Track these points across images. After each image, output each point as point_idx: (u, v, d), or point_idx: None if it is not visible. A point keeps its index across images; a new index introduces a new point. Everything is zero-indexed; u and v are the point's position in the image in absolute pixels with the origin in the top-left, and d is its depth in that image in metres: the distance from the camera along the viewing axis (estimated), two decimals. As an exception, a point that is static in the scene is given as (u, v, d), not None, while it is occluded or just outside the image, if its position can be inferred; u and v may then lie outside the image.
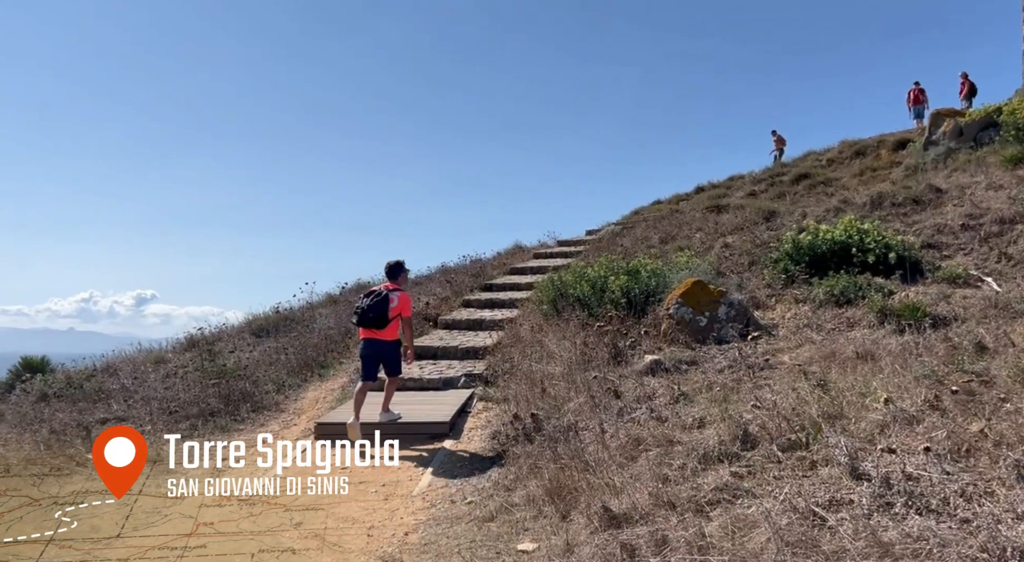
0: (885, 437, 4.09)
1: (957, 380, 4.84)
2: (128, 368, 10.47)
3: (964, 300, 7.39)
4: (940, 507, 3.16)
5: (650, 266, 8.99)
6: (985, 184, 11.56)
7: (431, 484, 5.36)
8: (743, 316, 7.68)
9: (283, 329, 11.99)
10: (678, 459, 4.32)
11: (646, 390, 5.97)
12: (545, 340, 8.18)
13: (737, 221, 12.91)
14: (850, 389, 5.05)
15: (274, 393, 8.38)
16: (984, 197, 10.85)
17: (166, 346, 12.15)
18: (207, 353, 10.24)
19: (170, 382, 9.27)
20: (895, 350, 5.94)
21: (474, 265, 15.22)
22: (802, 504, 3.34)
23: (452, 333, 10.03)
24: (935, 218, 10.55)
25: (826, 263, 8.87)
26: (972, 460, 3.59)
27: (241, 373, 8.83)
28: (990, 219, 9.77)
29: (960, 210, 10.49)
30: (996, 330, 6.08)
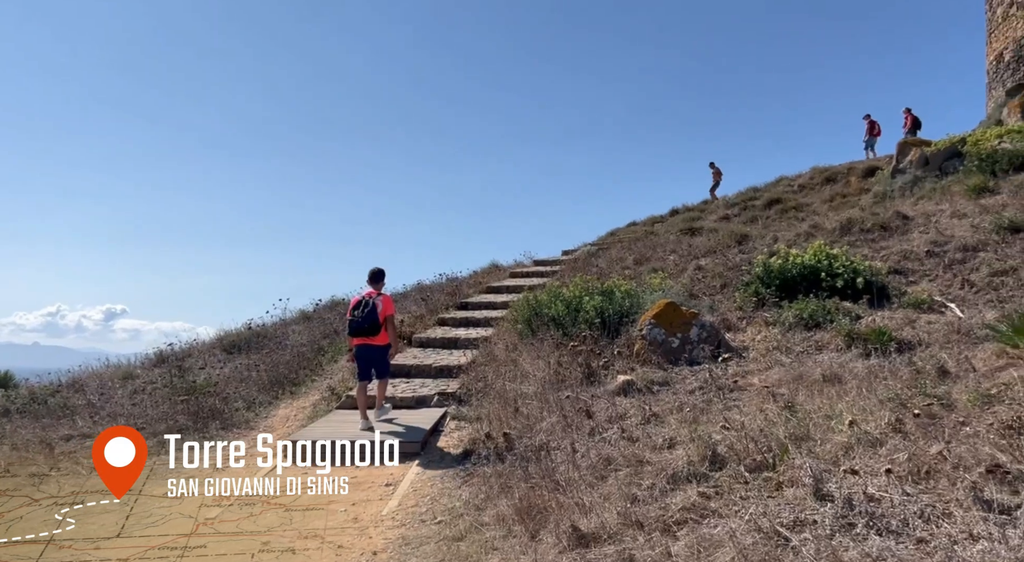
0: (849, 459, 4.17)
1: (919, 404, 4.94)
2: (95, 384, 10.31)
3: (928, 325, 7.55)
4: (900, 528, 3.23)
5: (624, 287, 9.08)
6: (949, 212, 11.85)
7: (401, 503, 5.34)
8: (714, 338, 7.78)
9: (255, 346, 11.89)
10: (647, 479, 4.36)
11: (618, 410, 6.02)
12: (519, 359, 8.22)
13: (710, 244, 13.09)
14: (817, 411, 5.14)
15: (244, 410, 8.30)
16: (948, 225, 11.12)
17: (135, 362, 11.98)
18: (177, 369, 10.11)
19: (138, 398, 9.15)
20: (861, 374, 6.06)
21: (450, 283, 15.23)
22: (767, 524, 3.39)
23: (426, 351, 10.02)
24: (902, 245, 10.78)
25: (796, 287, 9.03)
26: (931, 482, 3.68)
27: (211, 390, 8.74)
28: (954, 246, 10.01)
29: (926, 237, 10.74)
30: (958, 355, 6.22)
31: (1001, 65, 24.52)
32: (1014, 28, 23.75)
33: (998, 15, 25.15)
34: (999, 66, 24.71)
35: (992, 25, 25.84)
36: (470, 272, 16.59)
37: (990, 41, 26.00)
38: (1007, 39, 24.22)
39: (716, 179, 22.45)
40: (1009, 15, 24.10)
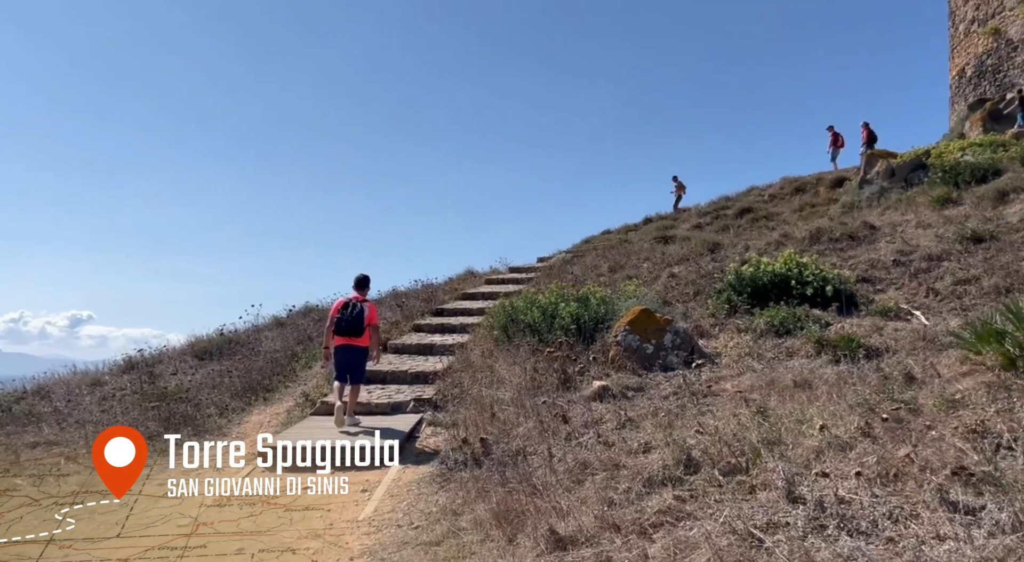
0: (820, 462, 4.27)
1: (887, 408, 5.06)
2: (62, 390, 10.10)
3: (895, 332, 7.73)
4: (869, 529, 3.32)
5: (599, 294, 9.16)
6: (915, 222, 12.15)
7: (377, 509, 5.32)
8: (688, 344, 7.88)
9: (227, 352, 11.75)
10: (623, 483, 4.42)
11: (594, 415, 6.07)
12: (495, 365, 8.24)
13: (683, 252, 13.25)
14: (788, 416, 5.23)
15: (217, 417, 8.20)
16: (914, 235, 11.40)
17: (103, 368, 11.77)
18: (147, 375, 9.96)
19: (107, 405, 8.98)
20: (831, 379, 6.19)
21: (425, 289, 15.21)
22: (741, 526, 3.46)
23: (402, 357, 10.00)
24: (869, 254, 11.03)
25: (767, 294, 9.18)
26: (899, 484, 3.78)
27: (183, 396, 8.63)
28: (919, 256, 10.27)
29: (892, 247, 10.99)
30: (924, 361, 6.38)
31: (963, 80, 25.19)
32: (975, 45, 24.43)
33: (960, 32, 25.86)
34: (961, 81, 25.38)
35: (955, 41, 26.55)
36: (446, 278, 16.59)
37: (953, 57, 26.71)
38: (969, 55, 24.91)
39: (679, 193, 22.71)
40: (971, 32, 24.80)
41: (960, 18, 25.77)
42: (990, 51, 23.60)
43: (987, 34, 23.60)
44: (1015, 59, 22.63)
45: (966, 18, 25.23)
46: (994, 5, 23.55)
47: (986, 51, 23.76)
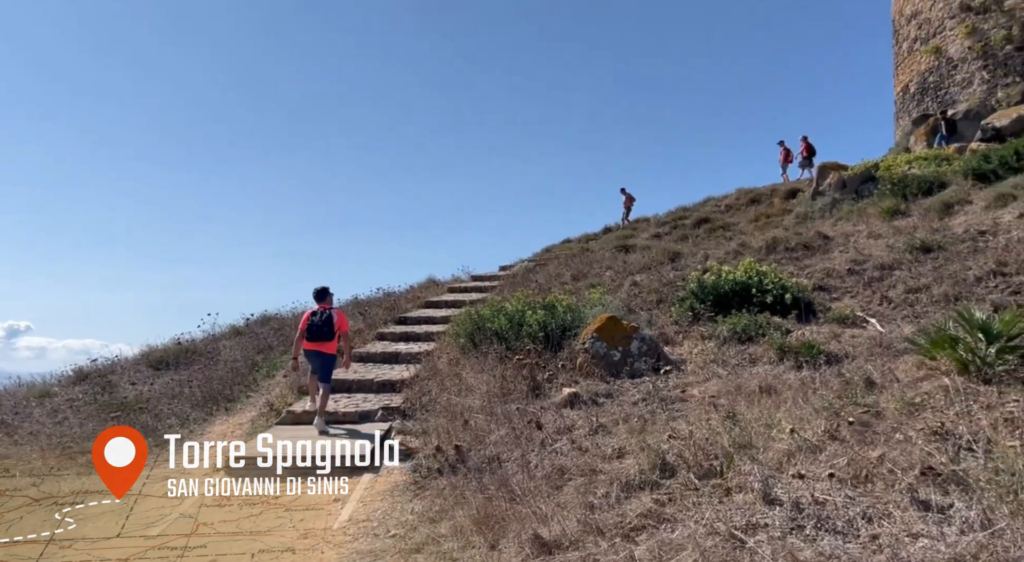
0: (791, 464, 4.38)
1: (852, 412, 5.22)
2: (8, 403, 9.75)
3: (852, 339, 7.97)
4: (845, 528, 3.43)
5: (566, 302, 9.24)
6: (866, 233, 12.56)
7: (351, 518, 5.27)
8: (654, 351, 8.00)
9: (184, 362, 11.50)
10: (602, 487, 4.47)
11: (566, 422, 6.12)
12: (463, 373, 8.24)
13: (644, 261, 13.45)
14: (757, 421, 5.36)
15: (178, 427, 8.01)
16: (866, 245, 11.78)
17: (51, 379, 11.38)
18: (103, 386, 9.67)
19: (60, 417, 8.70)
20: (795, 385, 6.35)
21: (387, 298, 15.10)
22: (722, 528, 3.54)
23: (367, 366, 9.91)
24: (824, 263, 11.35)
25: (729, 302, 9.37)
26: (870, 485, 3.91)
27: (143, 406, 8.40)
28: (872, 265, 10.61)
29: (846, 256, 11.34)
30: (882, 367, 6.60)
31: (907, 96, 26.17)
32: (919, 62, 25.42)
33: (904, 50, 26.88)
34: (906, 97, 26.37)
35: (899, 58, 27.59)
36: (407, 287, 16.52)
37: (897, 73, 27.74)
38: (912, 72, 25.90)
39: (628, 204, 23.05)
40: (914, 50, 25.80)
41: (904, 37, 26.79)
42: (932, 69, 24.58)
43: (929, 52, 24.59)
44: (955, 77, 23.61)
45: (909, 37, 26.24)
46: (935, 25, 24.55)
47: (928, 69, 24.74)
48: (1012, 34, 21.80)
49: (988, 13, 22.49)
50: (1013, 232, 10.36)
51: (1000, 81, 22.12)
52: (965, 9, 23.19)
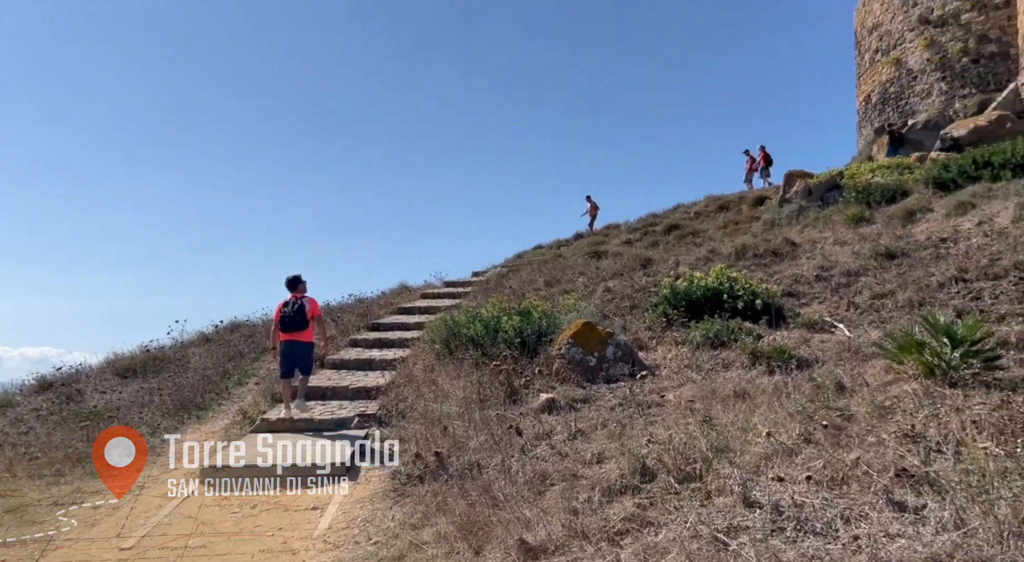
0: (769, 468, 4.47)
1: (825, 416, 5.35)
2: (-33, 412, 9.47)
3: (822, 344, 8.14)
4: (825, 530, 3.51)
5: (541, 308, 9.29)
6: (832, 240, 12.84)
7: (332, 525, 5.24)
8: (629, 356, 8.08)
9: (152, 369, 11.30)
10: (583, 492, 4.51)
11: (544, 427, 6.15)
12: (439, 380, 8.24)
13: (617, 267, 13.57)
14: (733, 424, 5.45)
15: (149, 436, 7.87)
16: (832, 251, 12.04)
17: (12, 389, 11.09)
18: (71, 394, 9.45)
19: (24, 426, 8.49)
20: (768, 389, 6.46)
21: (360, 304, 15.03)
22: (705, 531, 3.60)
23: (341, 373, 9.84)
24: (792, 269, 11.58)
25: (701, 308, 9.52)
26: (847, 487, 4.01)
27: (112, 415, 8.24)
28: (839, 271, 10.86)
29: (813, 262, 11.58)
30: (851, 371, 6.75)
31: (869, 106, 26.83)
32: (880, 73, 26.08)
33: (866, 61, 27.57)
34: (868, 107, 27.03)
35: (861, 69, 28.28)
36: (379, 293, 16.44)
37: (859, 84, 28.43)
38: (874, 83, 26.56)
39: (592, 212, 23.25)
40: (875, 61, 26.46)
41: (865, 48, 27.49)
42: (893, 79, 25.24)
43: (889, 64, 25.26)
44: (915, 87, 24.27)
45: (871, 48, 26.94)
46: (895, 37, 25.23)
47: (889, 79, 25.40)
48: (968, 47, 22.51)
49: (946, 26, 23.17)
50: (972, 239, 10.69)
51: (957, 92, 22.79)
52: (924, 22, 23.87)
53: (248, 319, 14.92)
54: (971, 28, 22.46)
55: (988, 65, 22.22)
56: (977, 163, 14.14)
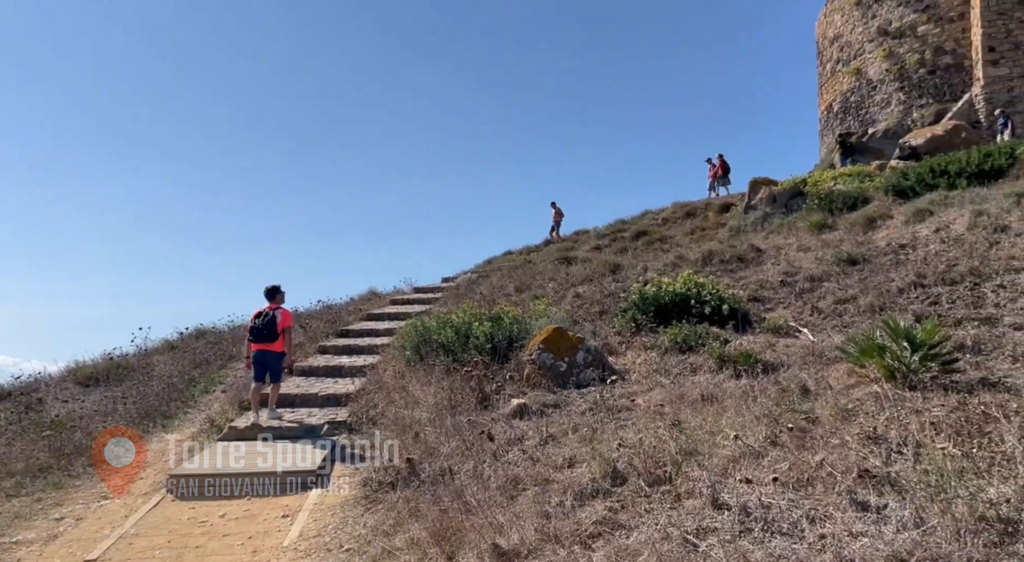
0: (737, 470, 4.56)
1: (790, 419, 5.47)
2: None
3: (787, 348, 8.30)
4: (791, 530, 3.60)
5: (512, 313, 9.33)
6: (796, 246, 13.11)
7: (302, 533, 5.21)
8: (599, 361, 8.16)
9: (115, 378, 11.09)
10: (556, 496, 4.55)
11: (516, 433, 6.19)
12: (409, 386, 8.23)
13: (586, 272, 13.68)
14: (701, 428, 5.55)
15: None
16: (796, 257, 12.29)
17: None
18: (31, 403, 9.23)
19: (-18, 436, 8.26)
20: (735, 393, 6.58)
21: (328, 311, 14.92)
22: (675, 533, 3.66)
23: (310, 380, 9.76)
24: (758, 275, 11.79)
25: (669, 313, 9.64)
26: (811, 488, 4.11)
27: (75, 425, 8.07)
28: (802, 277, 11.08)
29: (778, 268, 11.81)
30: (815, 375, 6.90)
31: (831, 114, 27.44)
32: (841, 83, 26.69)
33: (827, 70, 28.20)
34: (830, 115, 27.64)
35: (823, 79, 28.91)
36: (348, 299, 16.34)
37: (821, 93, 29.07)
38: (835, 92, 27.18)
39: (557, 219, 23.40)
40: (837, 71, 27.09)
41: (827, 58, 28.14)
42: (853, 89, 25.87)
43: (850, 74, 25.88)
44: (875, 97, 24.90)
45: (832, 58, 27.58)
46: (856, 48, 25.86)
47: (850, 89, 26.02)
48: (925, 58, 23.17)
49: (903, 38, 23.83)
50: (930, 246, 11.00)
51: (915, 102, 23.43)
52: (883, 34, 24.51)
53: (214, 326, 14.74)
54: (927, 40, 23.13)
55: (944, 76, 22.89)
56: (934, 171, 14.55)
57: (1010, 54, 20.82)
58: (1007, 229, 10.62)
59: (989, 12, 20.98)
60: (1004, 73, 20.85)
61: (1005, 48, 20.88)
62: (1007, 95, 20.74)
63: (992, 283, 8.93)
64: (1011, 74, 20.79)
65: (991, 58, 20.99)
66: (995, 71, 20.92)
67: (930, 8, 23.06)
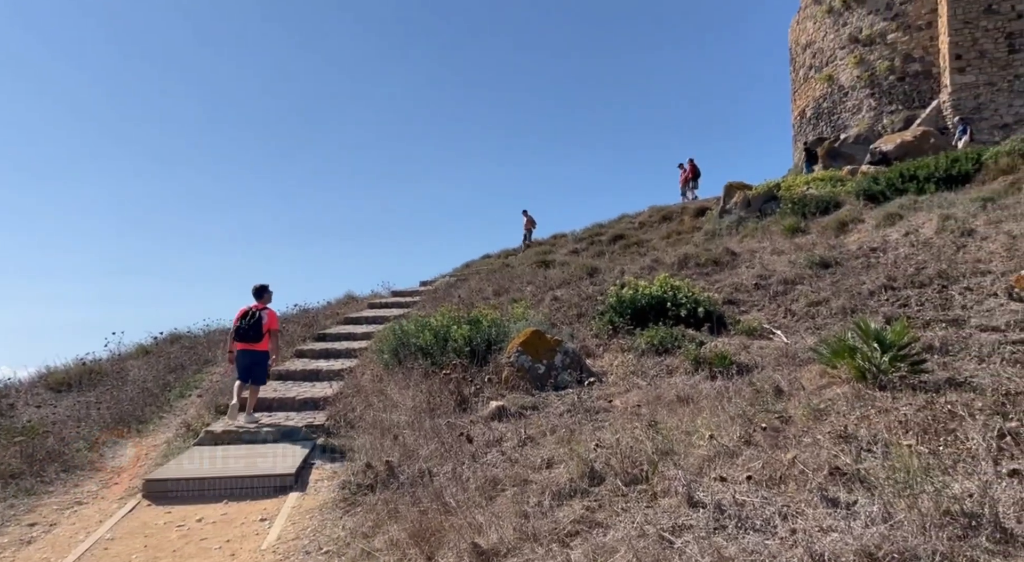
0: (712, 469, 4.65)
1: (764, 419, 5.57)
2: None
3: (761, 350, 8.44)
4: (764, 527, 3.68)
5: (490, 316, 9.38)
6: (770, 249, 13.31)
7: (280, 537, 5.20)
8: (577, 364, 8.23)
9: (88, 383, 10.94)
10: (534, 497, 4.60)
11: (495, 434, 6.23)
12: (388, 389, 8.24)
13: (564, 276, 13.77)
14: (677, 428, 5.63)
15: (87, 451, 7.64)
16: (770, 260, 12.48)
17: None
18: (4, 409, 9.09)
19: (-51, 442, 8.12)
20: (710, 394, 6.68)
21: (305, 315, 14.85)
22: (651, 530, 3.73)
23: (287, 384, 9.72)
24: (732, 278, 11.95)
25: (646, 316, 9.75)
26: (784, 486, 4.20)
27: (48, 430, 7.96)
28: (776, 280, 11.26)
29: (752, 271, 11.98)
30: (788, 376, 7.02)
31: (804, 120, 27.86)
32: (814, 89, 27.12)
33: (800, 77, 28.64)
34: (802, 121, 28.06)
35: (796, 85, 29.35)
36: (325, 303, 16.28)
37: (794, 99, 29.50)
38: (808, 98, 27.60)
39: (528, 226, 23.52)
40: (809, 77, 27.52)
41: (800, 64, 28.60)
42: (825, 95, 26.31)
43: (822, 80, 26.32)
44: (846, 103, 25.34)
45: (805, 65, 28.03)
46: (828, 54, 26.31)
47: (822, 95, 26.46)
48: (895, 65, 23.65)
49: (874, 45, 24.30)
50: (900, 249, 11.24)
51: (885, 108, 23.90)
52: (854, 41, 24.97)
53: (189, 330, 14.61)
54: (897, 48, 23.62)
55: (913, 83, 23.38)
56: (904, 176, 14.86)
57: (976, 62, 21.33)
58: (973, 233, 10.88)
59: (956, 21, 21.48)
60: (971, 80, 21.35)
61: (972, 56, 21.39)
62: (973, 102, 21.25)
63: (959, 285, 9.15)
64: (977, 82, 21.29)
65: (958, 66, 21.48)
66: (962, 78, 21.41)
67: (899, 16, 23.55)
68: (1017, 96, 21.10)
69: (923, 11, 23.03)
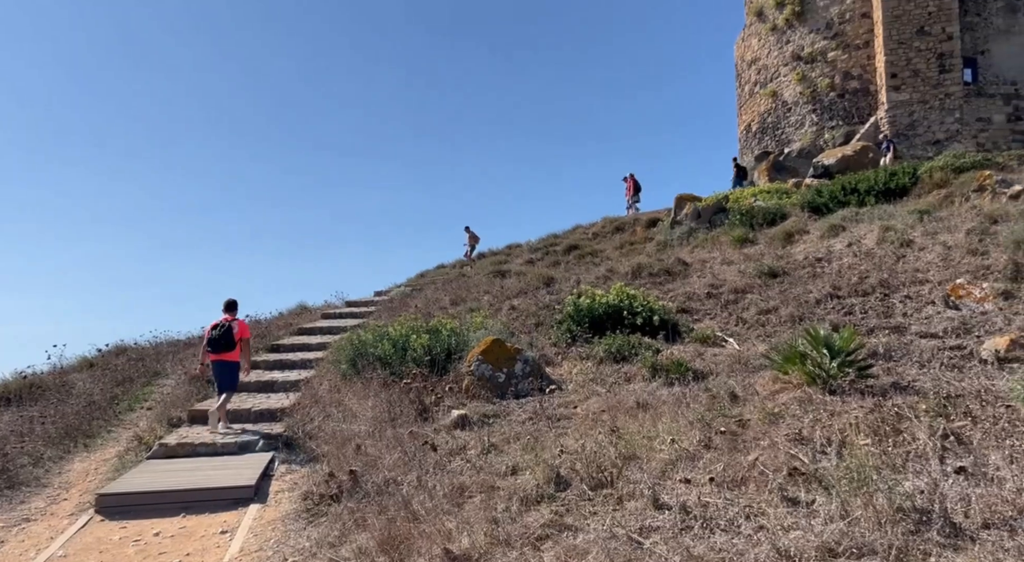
0: (674, 472, 4.77)
1: (722, 423, 5.73)
2: None
3: (714, 357, 8.65)
4: (728, 526, 3.81)
5: (450, 326, 9.39)
6: (720, 259, 13.65)
7: (243, 549, 5.12)
8: (537, 372, 8.31)
9: (30, 397, 10.52)
10: (502, 503, 4.65)
11: (458, 443, 6.26)
12: (346, 400, 8.18)
13: (520, 285, 13.87)
14: (639, 433, 5.75)
15: (31, 467, 7.37)
16: (721, 270, 12.80)
17: None
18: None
19: None
20: (668, 400, 6.83)
21: (257, 326, 14.58)
22: (621, 532, 3.82)
23: (241, 396, 9.53)
24: (685, 287, 12.22)
25: (603, 324, 9.90)
26: (745, 487, 4.34)
27: (-11, 445, 7.64)
28: (727, 289, 11.55)
29: (704, 281, 12.27)
30: (743, 382, 7.23)
31: (750, 134, 28.65)
32: (759, 104, 27.93)
33: (746, 92, 29.47)
34: (748, 135, 28.86)
35: (742, 100, 30.18)
36: (277, 313, 16.04)
37: (741, 113, 30.33)
38: (754, 113, 28.41)
39: (472, 243, 23.56)
40: (755, 93, 28.34)
41: (746, 80, 29.45)
42: (770, 110, 27.13)
43: (767, 96, 27.16)
44: (790, 118, 26.19)
45: (750, 80, 28.88)
46: (772, 71, 27.16)
47: (767, 110, 27.28)
48: (835, 82, 24.58)
49: (815, 63, 25.20)
50: (844, 259, 11.67)
51: (827, 123, 24.79)
52: (796, 58, 25.86)
53: (136, 342, 14.20)
54: (837, 65, 24.55)
55: (852, 99, 24.32)
56: (845, 189, 15.45)
57: (910, 80, 22.33)
58: (912, 243, 11.38)
59: (891, 41, 22.47)
60: (905, 98, 22.34)
61: (906, 75, 22.39)
62: (908, 119, 22.23)
63: (900, 294, 9.56)
64: (911, 99, 22.29)
65: (893, 84, 22.46)
66: (897, 96, 22.38)
67: (839, 36, 24.49)
68: (948, 113, 22.16)
69: (861, 31, 24.00)
